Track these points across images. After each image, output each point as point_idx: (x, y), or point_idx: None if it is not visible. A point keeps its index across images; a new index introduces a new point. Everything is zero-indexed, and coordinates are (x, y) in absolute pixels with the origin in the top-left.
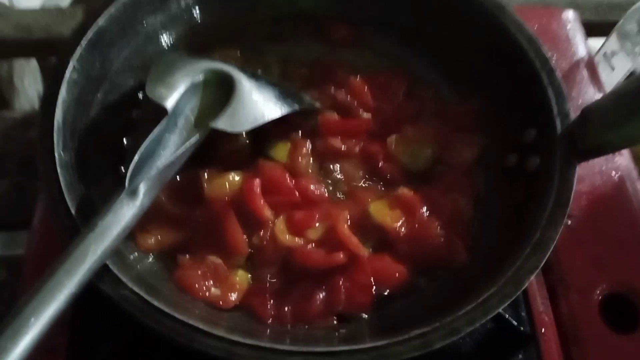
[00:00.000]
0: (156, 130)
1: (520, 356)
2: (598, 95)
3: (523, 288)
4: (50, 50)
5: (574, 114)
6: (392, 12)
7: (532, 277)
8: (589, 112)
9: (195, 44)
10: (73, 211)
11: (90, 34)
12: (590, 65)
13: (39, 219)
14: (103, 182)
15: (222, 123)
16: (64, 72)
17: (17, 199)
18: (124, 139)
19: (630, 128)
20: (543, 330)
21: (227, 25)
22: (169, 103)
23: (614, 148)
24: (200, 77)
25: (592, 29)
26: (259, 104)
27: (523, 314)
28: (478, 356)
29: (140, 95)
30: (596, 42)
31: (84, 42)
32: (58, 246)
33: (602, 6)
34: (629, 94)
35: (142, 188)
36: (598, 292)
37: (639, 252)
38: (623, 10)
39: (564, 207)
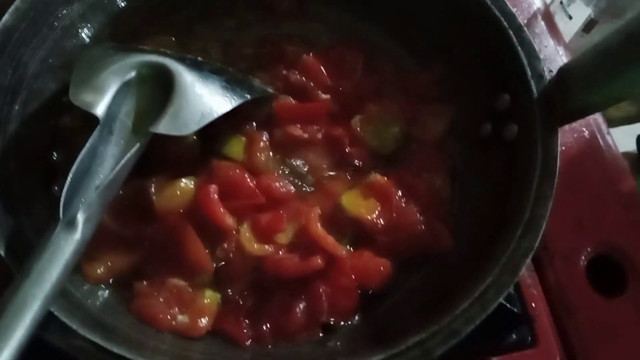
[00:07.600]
0: (88, 144)
1: (513, 336)
2: (559, 48)
3: (520, 275)
4: None
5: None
6: None
7: (528, 261)
8: (567, 71)
9: (121, 34)
10: (2, 252)
11: None
12: (548, 15)
13: None
14: (34, 207)
15: (164, 126)
16: None
17: None
18: (54, 153)
19: (617, 86)
20: (533, 304)
21: (154, 8)
22: (99, 110)
23: (598, 108)
24: (132, 74)
25: None
26: (205, 99)
27: (511, 290)
28: (467, 341)
29: (65, 99)
30: None
31: None
32: None
33: None
34: (613, 48)
35: (80, 217)
36: (583, 256)
37: (618, 210)
38: None
39: (551, 178)
